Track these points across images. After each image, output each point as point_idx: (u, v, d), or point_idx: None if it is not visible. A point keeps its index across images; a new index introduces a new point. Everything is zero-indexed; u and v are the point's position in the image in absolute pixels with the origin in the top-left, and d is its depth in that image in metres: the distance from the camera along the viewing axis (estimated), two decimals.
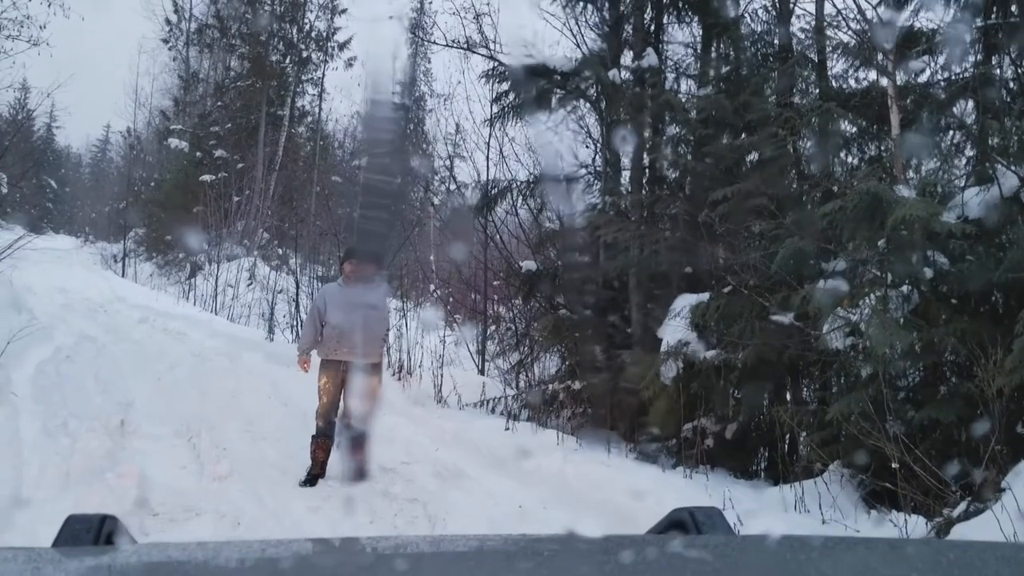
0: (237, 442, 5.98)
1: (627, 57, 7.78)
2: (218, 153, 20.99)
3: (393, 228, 11.45)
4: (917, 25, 5.90)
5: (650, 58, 7.30)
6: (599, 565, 0.88)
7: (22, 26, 11.64)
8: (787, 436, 6.19)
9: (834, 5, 6.60)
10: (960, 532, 4.30)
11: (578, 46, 8.39)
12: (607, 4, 8.09)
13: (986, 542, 0.92)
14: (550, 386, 7.95)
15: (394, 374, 8.73)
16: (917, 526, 4.51)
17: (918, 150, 5.81)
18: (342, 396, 5.56)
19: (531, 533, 1.04)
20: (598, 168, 8.30)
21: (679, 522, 1.05)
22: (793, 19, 7.07)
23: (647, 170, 7.78)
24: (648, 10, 7.84)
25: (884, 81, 5.82)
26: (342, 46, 23.29)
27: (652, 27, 7.87)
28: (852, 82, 6.47)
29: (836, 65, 6.63)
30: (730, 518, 1.08)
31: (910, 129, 5.82)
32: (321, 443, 5.43)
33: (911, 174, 5.71)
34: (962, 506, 4.53)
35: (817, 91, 6.73)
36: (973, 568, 0.87)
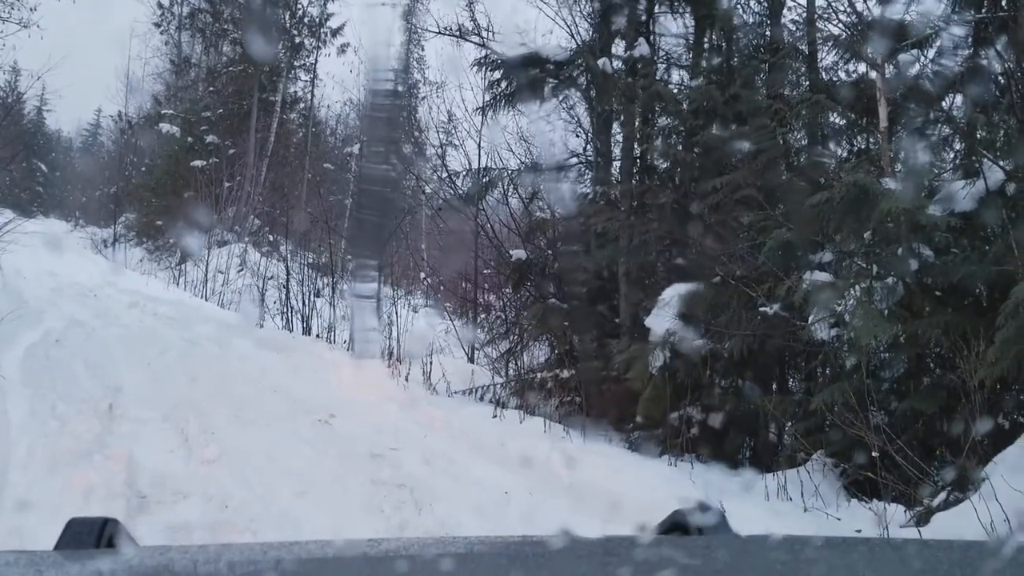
0: (226, 427, 6.00)
1: (619, 47, 7.79)
2: (209, 139, 20.88)
3: (389, 216, 11.45)
4: (907, 19, 5.92)
5: (641, 48, 7.30)
6: (600, 566, 0.89)
7: (12, 7, 11.56)
8: (772, 425, 6.25)
9: None
10: (939, 521, 4.36)
11: (571, 36, 8.41)
12: None
13: (987, 542, 0.93)
14: (538, 374, 7.99)
15: (384, 361, 8.75)
16: (897, 514, 4.57)
17: (906, 143, 5.85)
18: None
19: (531, 533, 1.04)
20: (589, 158, 8.31)
21: (681, 522, 1.05)
22: (784, 11, 7.09)
23: (637, 160, 7.80)
24: (640, 0, 7.85)
25: (873, 74, 5.85)
26: (335, 32, 23.18)
27: (644, 17, 7.87)
28: (842, 75, 6.51)
29: (826, 58, 6.66)
30: (713, 506, 1.09)
31: (898, 122, 5.86)
32: None
33: (899, 167, 5.75)
34: (942, 496, 4.59)
35: (807, 83, 6.76)
36: (974, 568, 0.87)
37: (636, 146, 7.70)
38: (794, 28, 6.96)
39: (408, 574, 0.83)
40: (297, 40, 23.10)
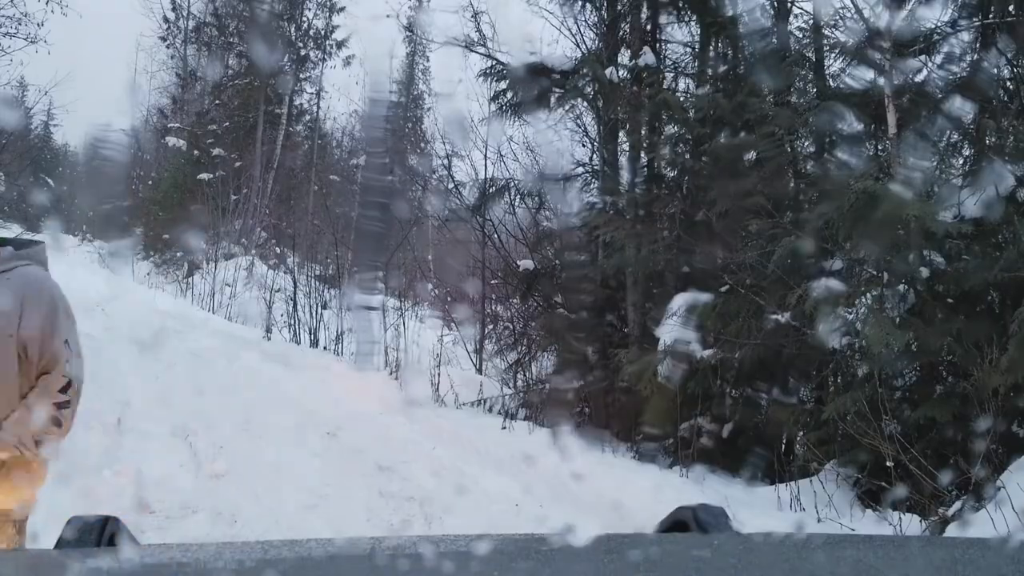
0: (234, 440, 5.98)
1: (625, 56, 7.79)
2: (216, 152, 20.95)
3: (391, 226, 11.46)
4: (914, 24, 5.90)
5: (647, 57, 7.30)
6: (601, 564, 0.88)
7: (20, 23, 11.61)
8: (783, 435, 6.20)
9: (832, 4, 6.62)
10: (955, 531, 4.32)
11: (577, 45, 8.43)
12: (604, 3, 8.09)
13: (990, 539, 0.91)
14: (547, 385, 7.96)
15: (391, 373, 8.73)
16: (912, 525, 4.52)
17: (915, 150, 5.82)
18: None
19: (532, 532, 1.02)
20: (596, 167, 8.31)
21: (682, 521, 1.03)
22: (791, 18, 7.07)
23: (645, 169, 7.78)
24: (644, 9, 7.84)
25: (881, 81, 5.83)
26: (340, 44, 23.27)
27: (649, 26, 7.87)
28: (849, 81, 6.48)
29: (833, 64, 6.64)
30: (715, 504, 1.08)
31: (907, 129, 5.83)
32: None
33: (911, 173, 5.71)
34: (957, 505, 4.55)
35: (815, 90, 6.73)
36: (977, 566, 0.86)
37: (643, 155, 7.69)
38: (800, 35, 6.94)
39: (409, 573, 0.81)
40: (303, 53, 23.20)
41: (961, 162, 6.10)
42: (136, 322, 11.71)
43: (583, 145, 8.49)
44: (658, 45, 7.77)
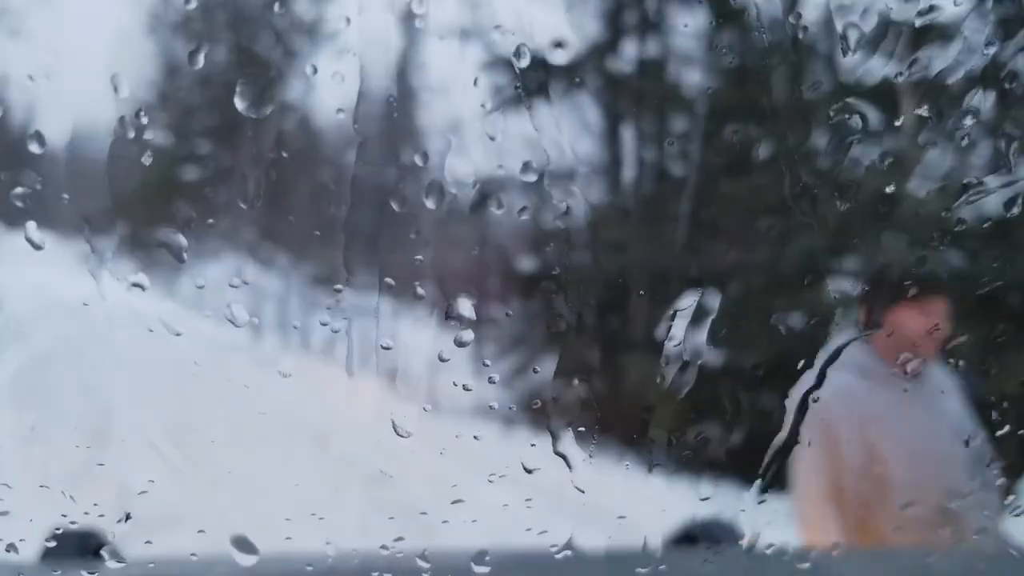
0: (222, 449, 5.88)
1: (631, 48, 7.76)
2: (204, 147, 20.93)
3: (390, 226, 11.41)
4: (931, 15, 5.79)
5: (653, 48, 7.24)
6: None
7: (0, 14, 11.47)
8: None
9: None
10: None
11: (582, 37, 8.37)
12: None
13: (1011, 551, 0.96)
14: (548, 391, 7.86)
15: (386, 379, 8.60)
16: None
17: (932, 146, 5.70)
18: None
19: (537, 543, 1.04)
20: (600, 163, 8.26)
21: (691, 533, 1.10)
22: (804, 10, 6.98)
23: (650, 165, 7.73)
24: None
25: (898, 73, 5.71)
26: (332, 37, 23.30)
27: (656, 17, 7.84)
28: (864, 75, 6.39)
29: (848, 58, 6.54)
30: (723, 517, 1.16)
31: (925, 124, 5.71)
32: None
33: (926, 170, 5.60)
34: None
35: (828, 84, 6.64)
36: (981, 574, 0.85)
37: (649, 150, 7.64)
38: (813, 28, 6.84)
39: None
40: (295, 46, 23.21)
41: (981, 159, 5.99)
42: (120, 325, 11.59)
43: (587, 140, 8.46)
44: (665, 37, 7.74)
